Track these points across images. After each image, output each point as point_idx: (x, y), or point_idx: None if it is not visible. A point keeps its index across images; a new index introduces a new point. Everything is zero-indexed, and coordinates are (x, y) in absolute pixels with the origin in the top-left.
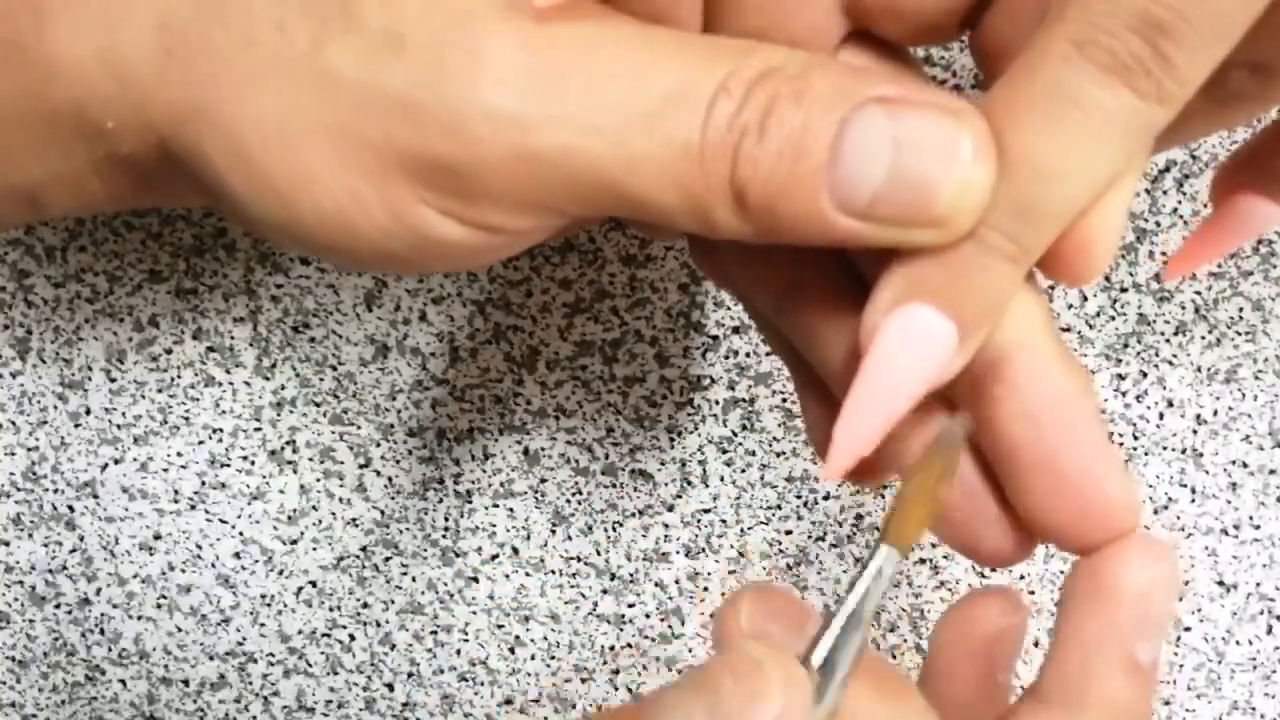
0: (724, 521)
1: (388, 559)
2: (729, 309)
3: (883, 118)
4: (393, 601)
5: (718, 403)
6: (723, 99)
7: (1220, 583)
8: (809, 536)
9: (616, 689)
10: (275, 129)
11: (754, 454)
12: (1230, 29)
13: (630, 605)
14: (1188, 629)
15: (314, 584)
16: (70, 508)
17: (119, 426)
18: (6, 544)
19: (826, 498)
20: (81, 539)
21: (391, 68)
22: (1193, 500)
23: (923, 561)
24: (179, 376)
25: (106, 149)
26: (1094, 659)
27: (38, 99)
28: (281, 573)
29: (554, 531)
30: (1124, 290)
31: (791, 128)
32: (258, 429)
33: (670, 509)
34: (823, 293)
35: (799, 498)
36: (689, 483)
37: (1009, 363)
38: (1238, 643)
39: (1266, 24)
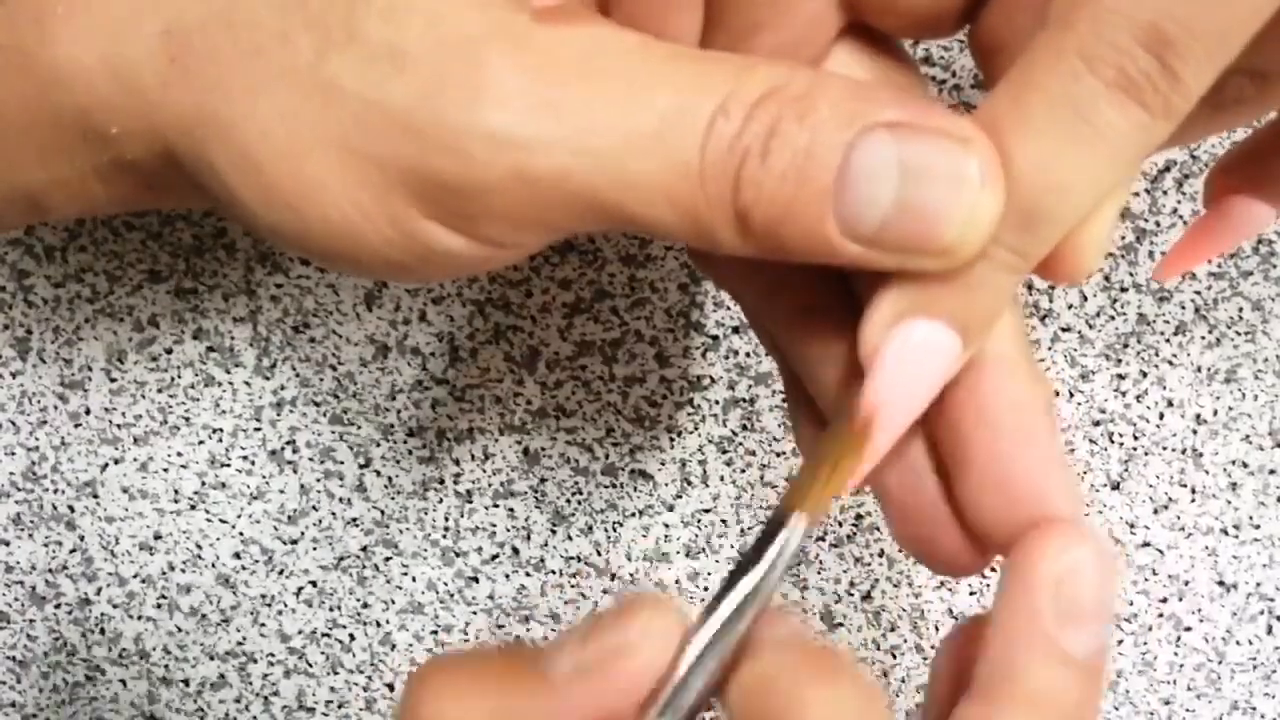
0: (724, 521)
1: (388, 559)
2: (729, 309)
3: (889, 143)
4: (393, 601)
5: (718, 403)
6: (720, 120)
7: (1220, 583)
8: (809, 536)
9: None
10: (283, 139)
11: (754, 454)
12: (1234, 43)
13: None
14: (1188, 629)
15: (314, 584)
16: (70, 508)
17: (119, 426)
18: (6, 544)
19: None
20: (81, 539)
21: (392, 83)
22: (1193, 500)
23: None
24: (179, 376)
25: (110, 154)
26: (1016, 651)
27: (41, 104)
28: (281, 573)
29: (554, 531)
30: (1124, 290)
31: (795, 150)
32: (258, 429)
33: (670, 509)
34: (811, 300)
35: None
36: (689, 483)
37: (976, 367)
38: (1238, 643)
39: (1267, 32)
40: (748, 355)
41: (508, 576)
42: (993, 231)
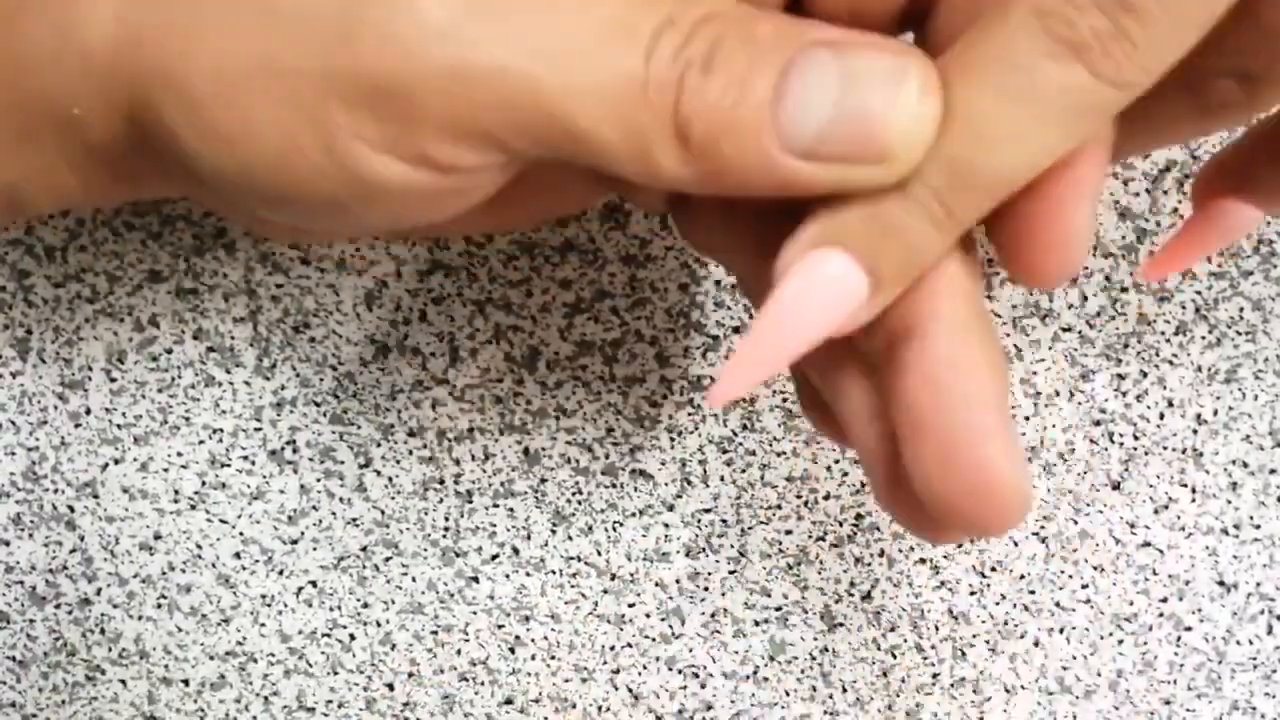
0: (724, 521)
1: (388, 559)
2: (729, 309)
3: (829, 57)
4: (393, 601)
5: None
6: (668, 31)
7: (1220, 583)
8: (809, 536)
9: (616, 689)
10: (219, 74)
11: (754, 454)
12: (1200, 17)
13: (630, 605)
14: (1188, 629)
15: (314, 584)
16: (70, 508)
17: (119, 426)
18: (6, 544)
19: (827, 498)
20: (81, 539)
21: None
22: (1193, 500)
23: (923, 561)
24: (179, 376)
25: (78, 139)
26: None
27: (9, 91)
28: (281, 573)
29: (554, 531)
30: (1124, 290)
31: (738, 64)
32: (258, 429)
33: (670, 509)
34: None
35: (799, 498)
36: (689, 483)
37: (925, 327)
38: (1238, 643)
39: (1252, 33)
40: None
41: (508, 576)
42: (931, 139)
